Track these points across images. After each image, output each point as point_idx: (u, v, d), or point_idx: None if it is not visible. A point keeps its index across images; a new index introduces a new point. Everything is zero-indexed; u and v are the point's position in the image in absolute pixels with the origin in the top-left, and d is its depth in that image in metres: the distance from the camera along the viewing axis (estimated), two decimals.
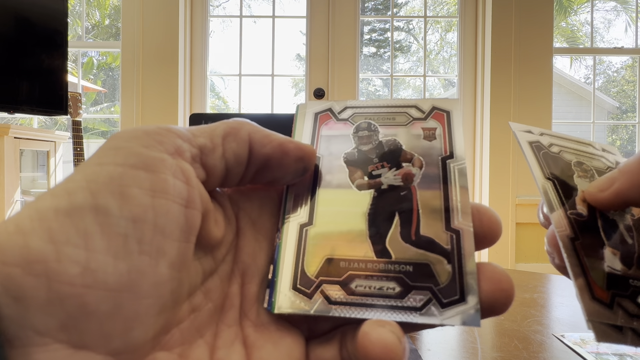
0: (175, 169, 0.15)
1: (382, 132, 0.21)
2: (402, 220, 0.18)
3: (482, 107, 2.15)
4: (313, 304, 0.17)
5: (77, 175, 0.14)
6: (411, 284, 0.17)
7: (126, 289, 0.13)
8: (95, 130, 4.74)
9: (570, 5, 4.60)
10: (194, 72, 2.24)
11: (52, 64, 1.83)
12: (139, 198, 0.14)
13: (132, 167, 0.14)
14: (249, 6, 2.58)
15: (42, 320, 0.12)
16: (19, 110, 1.75)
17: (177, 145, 0.16)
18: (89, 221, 0.13)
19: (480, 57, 2.17)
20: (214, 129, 0.17)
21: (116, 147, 0.15)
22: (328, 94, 2.18)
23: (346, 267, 0.17)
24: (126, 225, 0.13)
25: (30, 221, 0.13)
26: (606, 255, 0.19)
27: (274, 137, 0.19)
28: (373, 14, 2.53)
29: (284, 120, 0.86)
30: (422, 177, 0.19)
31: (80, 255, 0.13)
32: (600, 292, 0.18)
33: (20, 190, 1.72)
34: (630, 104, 4.20)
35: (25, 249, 0.12)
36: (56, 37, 1.84)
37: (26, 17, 1.76)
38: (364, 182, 0.20)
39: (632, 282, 0.19)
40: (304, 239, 0.18)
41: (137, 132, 0.15)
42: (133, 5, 2.13)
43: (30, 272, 0.12)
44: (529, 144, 0.22)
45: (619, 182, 0.19)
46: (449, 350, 0.44)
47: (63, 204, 0.13)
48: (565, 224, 0.19)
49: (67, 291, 0.12)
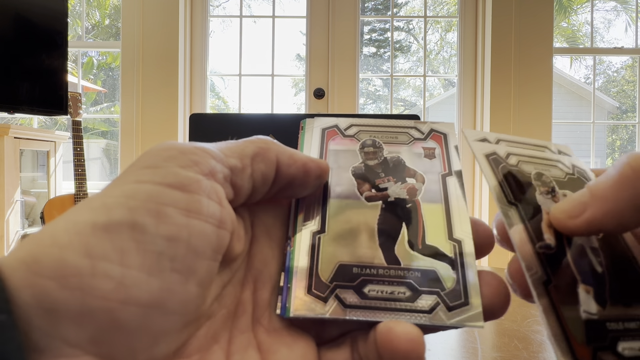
0: (209, 190, 0.16)
1: (386, 149, 0.23)
2: (409, 230, 0.20)
3: (482, 107, 2.15)
4: (328, 308, 0.18)
5: (115, 191, 0.14)
6: (420, 289, 0.18)
7: (156, 305, 0.13)
8: (95, 130, 4.74)
9: (570, 5, 4.60)
10: (194, 72, 2.24)
11: (52, 64, 1.83)
12: (174, 217, 0.14)
13: (169, 187, 0.15)
14: (249, 6, 2.58)
15: (74, 332, 0.12)
16: (19, 110, 1.75)
17: (211, 166, 0.16)
18: (125, 237, 0.13)
19: (480, 57, 2.17)
20: (243, 149, 0.18)
21: (154, 166, 0.15)
22: (328, 94, 2.18)
23: (359, 273, 0.18)
24: (161, 244, 0.14)
25: (67, 234, 0.13)
26: (581, 297, 0.17)
27: (298, 157, 0.19)
28: (373, 14, 2.53)
29: (284, 120, 0.86)
30: (425, 191, 0.21)
31: (115, 271, 0.13)
32: (581, 350, 0.16)
33: (20, 190, 1.72)
34: (630, 104, 4.20)
35: (61, 263, 0.12)
36: (56, 37, 1.84)
37: (26, 17, 1.76)
38: (372, 194, 0.21)
39: (609, 325, 0.17)
40: (317, 246, 0.19)
41: (173, 152, 0.16)
42: (133, 5, 2.13)
43: (64, 286, 0.12)
44: (485, 157, 0.21)
45: (592, 209, 0.16)
46: (449, 350, 0.44)
47: (101, 219, 0.13)
48: (535, 263, 0.17)
49: (100, 305, 0.12)
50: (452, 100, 2.32)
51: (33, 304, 0.12)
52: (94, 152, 3.70)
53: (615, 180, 0.16)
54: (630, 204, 0.15)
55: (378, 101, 3.06)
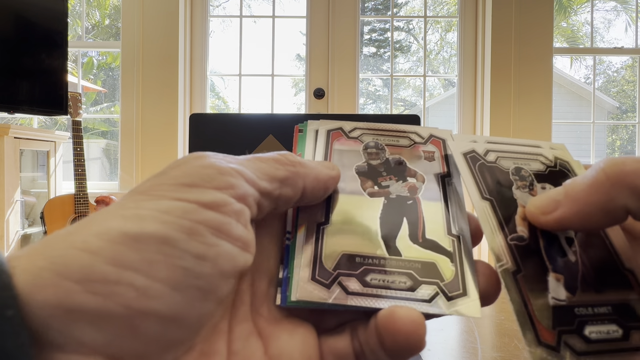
0: (239, 213, 0.16)
1: (388, 151, 0.24)
2: (410, 225, 0.21)
3: (482, 107, 2.15)
4: (331, 294, 0.18)
5: (149, 204, 0.15)
6: (420, 279, 0.19)
7: (174, 319, 0.14)
8: (95, 130, 4.74)
9: (570, 5, 4.60)
10: (194, 72, 2.24)
11: (52, 64, 1.83)
12: (206, 236, 0.15)
13: (203, 206, 0.15)
14: (249, 6, 2.58)
15: (90, 334, 0.12)
16: (19, 110, 1.75)
17: (244, 190, 0.16)
18: (154, 250, 0.14)
19: (480, 57, 2.17)
20: (274, 172, 0.18)
21: (191, 184, 0.15)
22: (328, 94, 2.18)
23: (361, 262, 0.19)
24: (190, 260, 0.14)
25: (97, 240, 0.13)
26: (550, 284, 0.18)
27: (321, 178, 0.20)
28: (373, 14, 2.53)
29: (284, 120, 0.86)
30: (425, 190, 0.22)
31: (140, 281, 0.13)
32: (546, 334, 0.17)
33: (20, 190, 1.72)
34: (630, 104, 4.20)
35: (89, 268, 0.13)
36: (56, 37, 1.84)
37: (26, 17, 1.76)
38: (374, 191, 0.22)
39: (578, 310, 0.18)
40: (322, 236, 0.20)
41: (211, 171, 0.16)
42: (133, 5, 2.13)
43: (88, 290, 0.12)
44: (463, 155, 0.23)
45: (563, 208, 0.18)
46: (449, 350, 0.44)
47: (133, 229, 0.14)
48: (506, 254, 0.19)
49: (119, 312, 0.13)
50: (452, 100, 2.32)
51: (54, 303, 0.12)
52: (94, 152, 3.70)
53: (588, 184, 0.17)
54: (599, 208, 0.16)
55: (378, 101, 3.06)
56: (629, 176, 0.16)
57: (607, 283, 0.19)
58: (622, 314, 0.18)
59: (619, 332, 0.17)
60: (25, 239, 1.84)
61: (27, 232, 1.84)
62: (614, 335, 0.17)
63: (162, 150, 2.13)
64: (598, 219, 0.17)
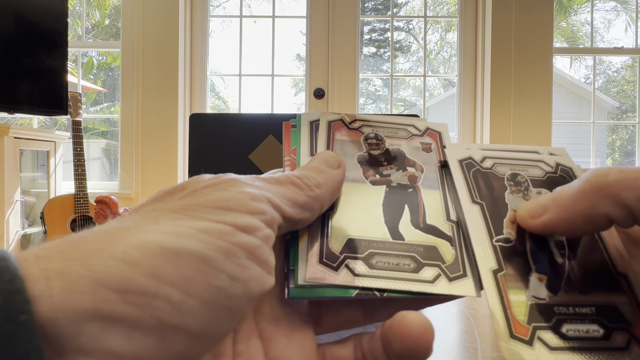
0: (268, 238, 0.17)
1: (388, 142, 0.25)
2: (411, 211, 0.22)
3: (482, 107, 2.15)
4: (339, 276, 0.19)
5: (187, 223, 0.15)
6: (423, 262, 0.20)
7: (201, 336, 0.14)
8: (95, 130, 4.74)
9: (570, 5, 4.60)
10: (194, 72, 2.24)
11: (52, 64, 1.83)
12: (240, 259, 0.15)
13: (239, 229, 0.16)
14: (249, 6, 2.58)
15: (120, 343, 0.13)
16: (19, 110, 1.75)
17: (273, 216, 0.17)
18: (192, 267, 0.14)
19: (480, 57, 2.17)
20: (296, 197, 0.19)
21: (227, 208, 0.16)
22: (328, 94, 2.18)
23: (367, 246, 0.20)
24: (224, 280, 0.15)
25: (137, 252, 0.13)
26: (531, 283, 0.19)
27: (335, 191, 0.21)
28: (373, 14, 2.53)
29: (284, 120, 0.86)
30: (424, 179, 0.23)
31: (176, 296, 0.13)
32: (520, 328, 0.17)
33: (20, 190, 1.72)
34: (630, 104, 4.20)
35: (128, 279, 0.13)
36: (56, 37, 1.84)
37: (26, 17, 1.76)
38: (376, 179, 0.23)
39: (557, 309, 0.18)
40: (328, 221, 0.21)
41: (244, 196, 0.17)
42: (133, 5, 2.13)
43: (126, 300, 0.13)
44: (458, 162, 0.24)
45: (549, 213, 0.19)
46: (449, 350, 0.44)
47: (172, 245, 0.14)
48: (489, 255, 0.19)
49: (153, 324, 0.13)
50: (452, 100, 2.32)
51: (91, 309, 0.12)
52: (94, 152, 3.70)
53: (574, 193, 0.18)
54: (582, 215, 0.18)
55: (378, 101, 3.06)
56: (611, 186, 0.17)
57: (595, 286, 0.19)
58: (606, 315, 0.18)
59: (600, 332, 0.18)
60: (25, 239, 1.84)
61: (27, 232, 1.84)
62: (593, 334, 0.18)
63: (162, 150, 2.13)
64: (581, 225, 0.18)
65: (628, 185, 0.16)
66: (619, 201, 0.17)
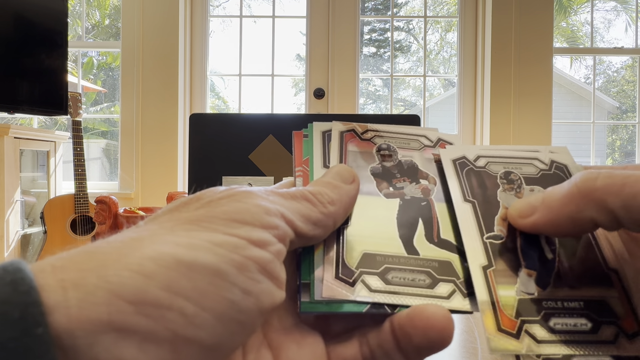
0: (280, 253, 0.17)
1: (400, 153, 0.25)
2: (425, 225, 0.22)
3: (482, 107, 2.15)
4: (355, 292, 0.19)
5: (202, 235, 0.15)
6: (438, 277, 0.20)
7: (213, 349, 0.14)
8: (95, 130, 4.74)
9: (570, 5, 4.60)
10: (194, 72, 2.24)
11: (52, 64, 1.83)
12: (253, 272, 0.15)
13: (252, 243, 0.16)
14: (249, 6, 2.58)
15: (134, 354, 0.13)
16: (19, 110, 1.75)
17: (284, 231, 0.17)
18: (206, 280, 0.14)
19: (480, 57, 2.17)
20: (310, 214, 0.19)
21: (242, 221, 0.16)
22: (328, 94, 2.18)
23: (382, 261, 0.20)
24: (237, 294, 0.15)
25: (152, 264, 0.14)
26: (520, 279, 0.19)
27: (349, 207, 0.21)
28: (373, 14, 2.53)
29: (284, 120, 0.86)
30: (437, 192, 0.23)
31: (190, 309, 0.14)
32: (507, 322, 0.18)
33: (20, 190, 1.72)
34: (630, 104, 4.20)
35: (143, 291, 0.13)
36: (56, 37, 1.84)
37: (26, 17, 1.76)
38: (390, 192, 0.23)
39: (546, 304, 0.18)
40: (343, 235, 0.21)
41: (259, 210, 0.17)
42: (133, 5, 2.13)
43: (140, 312, 0.13)
44: (452, 162, 0.24)
45: (538, 214, 0.19)
46: (449, 350, 0.44)
47: (187, 257, 0.14)
48: (479, 252, 0.20)
49: (167, 337, 0.13)
50: (452, 100, 2.32)
51: (106, 320, 0.12)
52: (94, 152, 3.70)
53: (562, 195, 0.18)
54: (568, 218, 0.18)
55: (378, 101, 3.06)
56: (597, 192, 0.17)
57: (585, 281, 0.19)
58: (595, 309, 0.18)
59: (588, 326, 0.18)
60: (25, 239, 1.84)
61: (27, 232, 1.85)
62: (581, 328, 0.18)
63: (162, 150, 2.13)
64: (567, 227, 0.18)
65: (614, 192, 0.16)
66: (604, 207, 0.17)
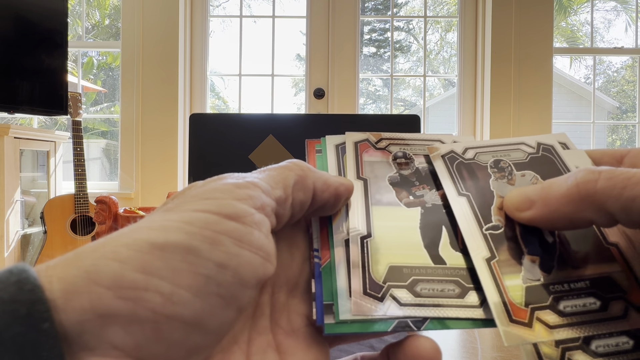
0: (260, 223, 0.17)
1: (417, 160, 0.24)
2: (449, 232, 0.21)
3: (482, 107, 2.15)
4: (384, 307, 0.18)
5: (174, 216, 0.16)
6: (467, 286, 0.19)
7: (197, 324, 0.15)
8: (95, 130, 4.74)
9: (570, 5, 4.60)
10: (194, 72, 2.24)
11: (52, 64, 1.83)
12: (227, 246, 0.15)
13: (225, 217, 0.16)
14: (249, 6, 2.58)
15: (120, 337, 0.13)
16: (19, 110, 1.75)
17: (262, 200, 0.17)
18: (179, 259, 0.14)
19: (480, 57, 2.17)
20: (285, 178, 0.19)
21: (212, 198, 0.16)
22: (328, 94, 2.18)
23: (409, 273, 0.19)
24: (212, 268, 0.15)
25: (127, 250, 0.14)
26: (525, 266, 0.19)
27: (331, 182, 0.20)
28: (373, 14, 2.53)
29: (284, 120, 0.86)
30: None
31: (166, 288, 0.14)
32: (518, 311, 0.18)
33: (20, 190, 1.72)
34: (630, 104, 4.20)
35: (119, 275, 0.14)
36: (56, 37, 1.84)
37: (26, 17, 1.76)
38: (410, 201, 0.22)
39: (553, 288, 0.18)
40: (367, 249, 0.20)
41: (229, 186, 0.17)
42: (133, 5, 2.13)
43: (119, 296, 0.13)
44: (441, 157, 0.23)
45: (535, 210, 0.19)
46: (449, 350, 0.44)
47: (159, 239, 0.15)
48: (480, 244, 0.20)
49: (148, 317, 0.14)
50: (452, 100, 2.32)
51: (88, 308, 0.13)
52: (94, 152, 3.70)
53: (561, 195, 0.18)
54: (566, 217, 0.18)
55: (378, 101, 3.06)
56: (597, 194, 0.17)
57: (588, 259, 0.19)
58: (601, 286, 0.18)
59: (597, 304, 0.18)
60: (25, 239, 1.84)
61: (27, 232, 1.84)
62: (591, 307, 0.18)
63: (162, 150, 2.13)
64: (563, 224, 0.19)
65: (614, 195, 0.16)
66: (603, 209, 0.17)
